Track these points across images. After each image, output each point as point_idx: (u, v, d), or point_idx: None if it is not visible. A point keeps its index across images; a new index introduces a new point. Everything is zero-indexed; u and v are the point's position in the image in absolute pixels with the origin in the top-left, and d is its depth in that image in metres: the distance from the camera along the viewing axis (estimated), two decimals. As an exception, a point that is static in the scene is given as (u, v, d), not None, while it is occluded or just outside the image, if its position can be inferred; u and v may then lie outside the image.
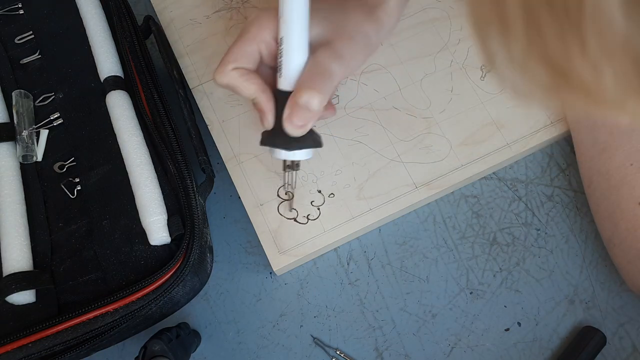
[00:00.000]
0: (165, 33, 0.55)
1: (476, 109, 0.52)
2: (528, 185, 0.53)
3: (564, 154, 0.53)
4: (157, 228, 0.43)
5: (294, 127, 0.39)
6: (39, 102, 0.49)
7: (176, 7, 0.56)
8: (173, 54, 0.54)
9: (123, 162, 0.45)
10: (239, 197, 0.50)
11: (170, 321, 0.47)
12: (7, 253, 0.42)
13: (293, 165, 0.45)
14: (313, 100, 0.38)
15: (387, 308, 0.50)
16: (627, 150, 0.46)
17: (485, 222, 0.52)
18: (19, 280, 0.41)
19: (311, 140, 0.42)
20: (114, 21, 0.50)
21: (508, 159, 0.51)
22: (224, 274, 0.51)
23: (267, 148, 0.43)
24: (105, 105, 0.47)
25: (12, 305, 0.41)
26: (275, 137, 0.42)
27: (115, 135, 0.46)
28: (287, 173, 0.46)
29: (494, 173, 0.53)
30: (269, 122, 0.41)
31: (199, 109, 0.53)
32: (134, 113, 0.47)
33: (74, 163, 0.47)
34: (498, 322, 0.49)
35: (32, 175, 0.46)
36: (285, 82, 0.40)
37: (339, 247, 0.52)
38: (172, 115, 0.48)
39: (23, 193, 0.45)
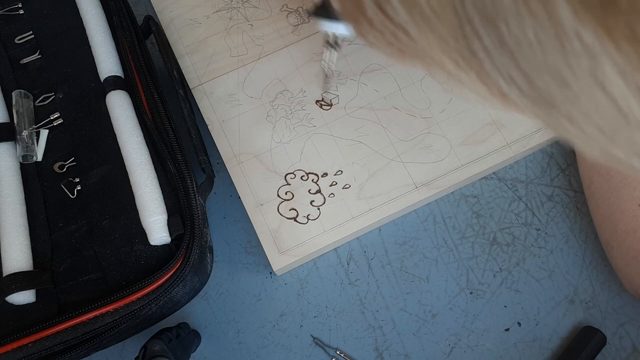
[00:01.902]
0: (165, 33, 0.55)
1: (476, 109, 0.52)
2: (528, 185, 0.53)
3: (564, 154, 0.53)
4: (157, 228, 0.43)
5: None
6: (39, 102, 0.49)
7: (176, 7, 0.56)
8: (173, 54, 0.54)
9: (123, 162, 0.45)
10: (239, 197, 0.50)
11: (170, 321, 0.47)
12: (7, 253, 0.42)
13: (334, 43, 0.49)
14: None
15: (387, 308, 0.50)
16: None
17: (485, 222, 0.52)
18: (19, 280, 0.41)
19: None
20: (114, 21, 0.50)
21: (508, 159, 0.51)
22: (224, 274, 0.51)
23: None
24: (105, 105, 0.47)
25: (12, 305, 0.41)
26: (322, 11, 0.45)
27: (115, 135, 0.46)
28: (327, 50, 0.49)
29: (494, 173, 0.53)
30: None
31: (199, 109, 0.53)
32: (134, 113, 0.47)
33: (74, 163, 0.47)
34: (498, 322, 0.49)
35: (32, 175, 0.46)
36: None
37: (339, 247, 0.52)
38: (172, 115, 0.48)
39: (23, 193, 0.45)
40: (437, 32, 0.15)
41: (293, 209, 0.49)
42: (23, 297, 0.41)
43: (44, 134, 0.47)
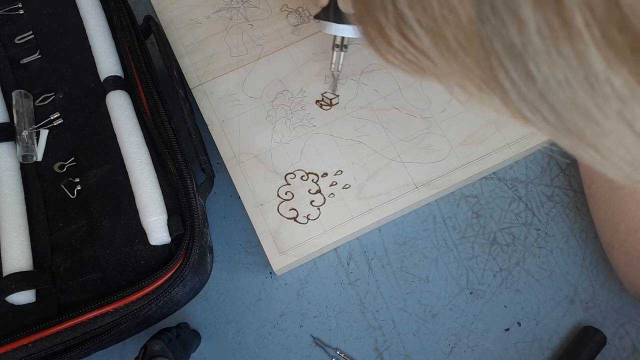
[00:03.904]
0: (165, 33, 0.55)
1: (476, 109, 0.52)
2: (528, 185, 0.53)
3: (564, 154, 0.53)
4: (157, 228, 0.43)
5: (346, 1, 0.43)
6: (39, 102, 0.49)
7: (176, 7, 0.56)
8: (173, 54, 0.54)
9: (123, 162, 0.45)
10: (239, 197, 0.50)
11: (170, 321, 0.47)
12: (7, 253, 0.42)
13: (341, 45, 0.49)
14: None
15: (387, 308, 0.50)
16: None
17: (485, 222, 0.52)
18: (19, 280, 0.41)
19: None
20: (114, 21, 0.50)
21: (508, 159, 0.51)
22: (224, 274, 0.51)
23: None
24: (105, 105, 0.47)
25: (12, 305, 0.41)
26: (329, 13, 0.45)
27: (115, 135, 0.46)
28: (335, 52, 0.49)
29: (494, 173, 0.53)
30: None
31: (199, 109, 0.53)
32: (134, 113, 0.47)
33: (74, 163, 0.47)
34: (498, 322, 0.49)
35: (32, 175, 0.46)
36: None
37: (339, 247, 0.52)
38: (172, 115, 0.48)
39: (23, 193, 0.45)
40: (462, 61, 0.15)
41: (293, 209, 0.49)
42: (23, 297, 0.41)
43: (44, 134, 0.47)
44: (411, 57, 0.17)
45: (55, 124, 0.48)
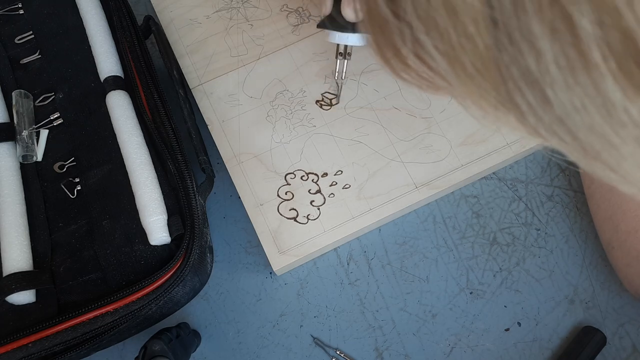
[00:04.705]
0: (165, 33, 0.55)
1: (476, 109, 0.52)
2: (528, 185, 0.53)
3: (564, 158, 0.53)
4: (157, 228, 0.43)
5: (350, 10, 0.43)
6: (39, 102, 0.49)
7: (176, 7, 0.56)
8: (173, 54, 0.54)
9: (123, 162, 0.45)
10: (239, 197, 0.50)
11: (170, 321, 0.47)
12: (7, 253, 0.42)
13: (345, 53, 0.49)
14: None
15: (387, 308, 0.50)
16: None
17: (485, 222, 0.52)
18: (19, 280, 0.41)
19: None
20: (114, 21, 0.50)
21: (508, 159, 0.51)
22: (224, 274, 0.51)
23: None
24: (105, 105, 0.47)
25: (12, 305, 0.41)
26: (332, 22, 0.45)
27: (115, 135, 0.46)
28: (338, 60, 0.50)
29: (494, 173, 0.53)
30: (327, 8, 0.45)
31: (199, 109, 0.53)
32: (134, 113, 0.47)
33: (74, 163, 0.47)
34: (498, 322, 0.49)
35: (32, 175, 0.46)
36: None
37: (339, 247, 0.52)
38: (172, 115, 0.48)
39: (23, 193, 0.45)
40: (479, 84, 0.15)
41: (293, 209, 0.49)
42: (23, 297, 0.41)
43: (44, 134, 0.47)
44: (426, 76, 0.17)
45: (55, 124, 0.48)
